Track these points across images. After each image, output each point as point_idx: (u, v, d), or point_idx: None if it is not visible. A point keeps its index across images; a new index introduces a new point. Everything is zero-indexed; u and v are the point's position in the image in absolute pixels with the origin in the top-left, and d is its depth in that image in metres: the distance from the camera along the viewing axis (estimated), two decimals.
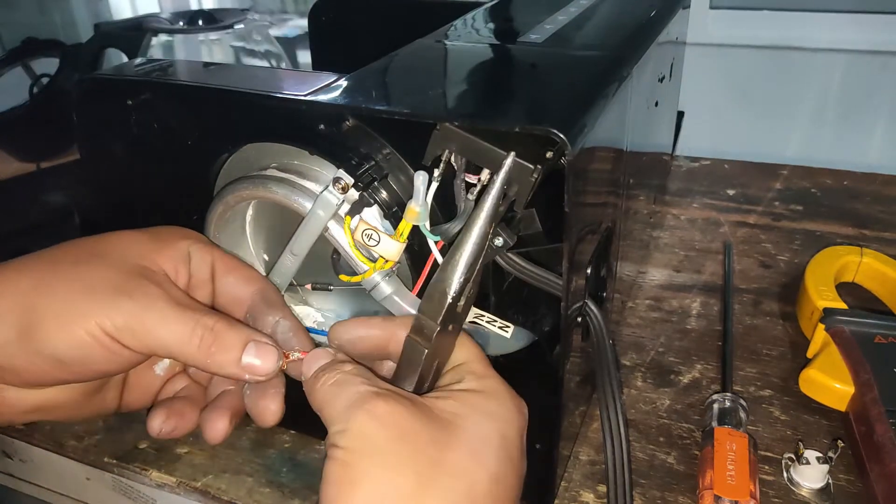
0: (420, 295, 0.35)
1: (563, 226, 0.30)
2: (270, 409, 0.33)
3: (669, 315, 0.56)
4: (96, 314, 0.30)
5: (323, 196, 0.34)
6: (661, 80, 0.53)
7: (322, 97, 0.34)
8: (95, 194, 0.44)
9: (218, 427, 0.34)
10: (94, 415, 0.35)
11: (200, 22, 0.78)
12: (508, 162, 0.29)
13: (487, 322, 0.37)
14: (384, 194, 0.35)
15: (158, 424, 0.35)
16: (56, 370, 0.30)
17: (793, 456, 0.40)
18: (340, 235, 0.35)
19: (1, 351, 0.29)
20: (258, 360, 0.32)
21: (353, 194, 0.34)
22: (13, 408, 0.32)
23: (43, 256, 0.32)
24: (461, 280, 0.30)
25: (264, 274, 0.40)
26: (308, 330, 0.36)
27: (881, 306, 0.55)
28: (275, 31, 1.07)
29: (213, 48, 0.78)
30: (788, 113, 0.91)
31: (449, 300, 0.30)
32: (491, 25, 0.48)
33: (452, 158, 0.32)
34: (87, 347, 0.30)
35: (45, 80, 0.75)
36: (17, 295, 0.30)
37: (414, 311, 0.35)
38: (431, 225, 0.34)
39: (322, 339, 0.37)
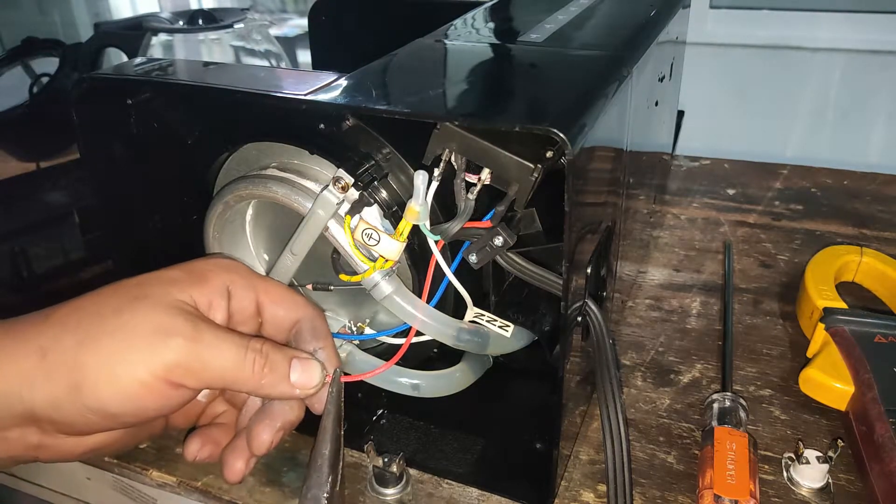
0: (428, 301, 0.35)
1: (564, 225, 0.30)
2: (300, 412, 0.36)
3: (669, 315, 0.56)
4: (146, 359, 0.30)
5: (323, 195, 0.34)
6: (661, 80, 0.53)
7: (322, 96, 0.34)
8: (95, 194, 0.44)
9: (263, 438, 0.35)
10: (144, 441, 0.38)
11: (200, 21, 0.78)
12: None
13: (487, 322, 0.37)
14: (384, 194, 0.35)
15: (195, 451, 0.36)
16: (108, 422, 0.31)
17: (793, 455, 0.40)
18: (340, 235, 0.35)
19: (53, 407, 0.30)
20: (304, 377, 0.33)
21: (353, 194, 0.34)
22: (69, 453, 0.32)
23: (86, 307, 0.31)
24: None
25: (264, 273, 0.40)
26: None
27: (881, 306, 0.55)
28: (275, 31, 1.07)
29: (213, 48, 0.78)
30: (788, 113, 0.91)
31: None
32: (491, 25, 0.48)
33: (452, 158, 0.32)
34: (137, 398, 0.30)
35: (45, 80, 0.75)
36: (63, 353, 0.30)
37: (413, 311, 0.35)
38: (431, 224, 0.34)
39: None
